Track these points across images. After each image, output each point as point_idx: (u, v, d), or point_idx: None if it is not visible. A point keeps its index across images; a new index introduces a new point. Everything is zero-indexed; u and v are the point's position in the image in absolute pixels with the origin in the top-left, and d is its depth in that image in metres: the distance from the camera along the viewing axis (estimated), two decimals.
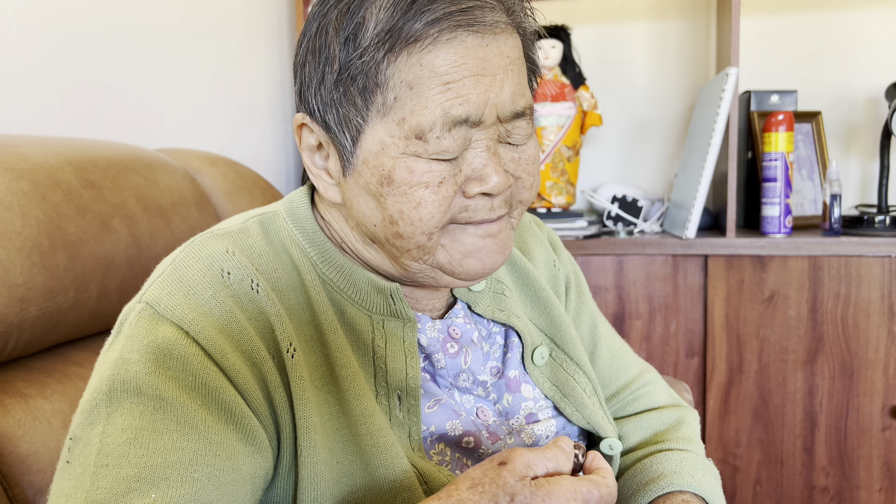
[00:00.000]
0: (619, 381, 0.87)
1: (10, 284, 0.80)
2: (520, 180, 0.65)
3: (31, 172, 0.88)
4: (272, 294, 0.64)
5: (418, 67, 0.58)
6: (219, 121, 1.72)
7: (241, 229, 0.68)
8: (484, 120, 0.61)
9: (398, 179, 0.60)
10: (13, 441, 0.76)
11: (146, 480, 0.54)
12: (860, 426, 1.62)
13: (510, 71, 0.61)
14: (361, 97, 0.60)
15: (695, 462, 0.78)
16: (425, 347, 0.70)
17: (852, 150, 1.98)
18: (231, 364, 0.59)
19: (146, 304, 0.62)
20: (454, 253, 0.64)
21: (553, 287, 0.84)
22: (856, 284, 1.59)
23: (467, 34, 0.58)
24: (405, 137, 0.60)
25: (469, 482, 0.55)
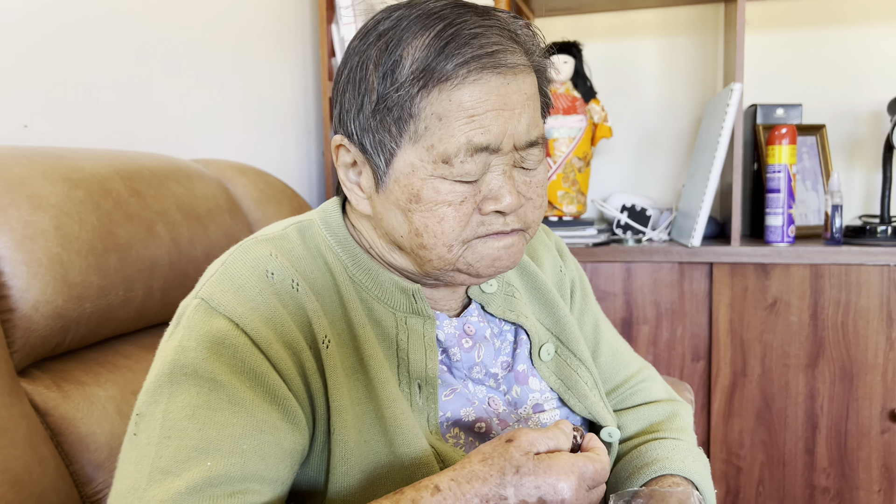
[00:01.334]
0: (619, 377, 0.94)
1: (69, 283, 0.89)
2: (530, 201, 0.74)
3: (86, 182, 0.98)
4: (310, 293, 0.72)
5: (447, 102, 0.67)
6: (248, 133, 1.82)
7: (281, 235, 0.77)
8: (502, 148, 0.69)
9: (425, 198, 0.69)
10: (73, 423, 0.85)
11: (203, 451, 0.62)
12: (860, 429, 1.68)
13: (527, 106, 0.70)
14: (396, 125, 0.69)
15: (686, 449, 0.85)
16: (443, 342, 0.79)
17: (856, 163, 2.04)
18: (275, 353, 0.68)
19: (201, 299, 0.71)
20: (472, 260, 0.73)
21: (559, 290, 0.92)
22: (856, 292, 1.66)
23: (491, 75, 0.67)
24: (433, 161, 0.68)
25: (480, 456, 0.63)
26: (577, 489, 0.61)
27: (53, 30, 1.24)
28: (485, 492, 0.61)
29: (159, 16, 1.49)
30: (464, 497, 0.61)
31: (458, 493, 0.61)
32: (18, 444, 0.75)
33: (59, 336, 0.89)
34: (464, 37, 0.66)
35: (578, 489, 0.61)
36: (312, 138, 2.11)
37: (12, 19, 1.17)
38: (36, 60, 1.21)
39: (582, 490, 0.62)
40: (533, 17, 2.18)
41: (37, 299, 0.85)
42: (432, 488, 0.61)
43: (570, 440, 0.66)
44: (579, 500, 0.61)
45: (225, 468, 0.62)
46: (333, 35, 1.98)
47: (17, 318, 0.84)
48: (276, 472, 0.65)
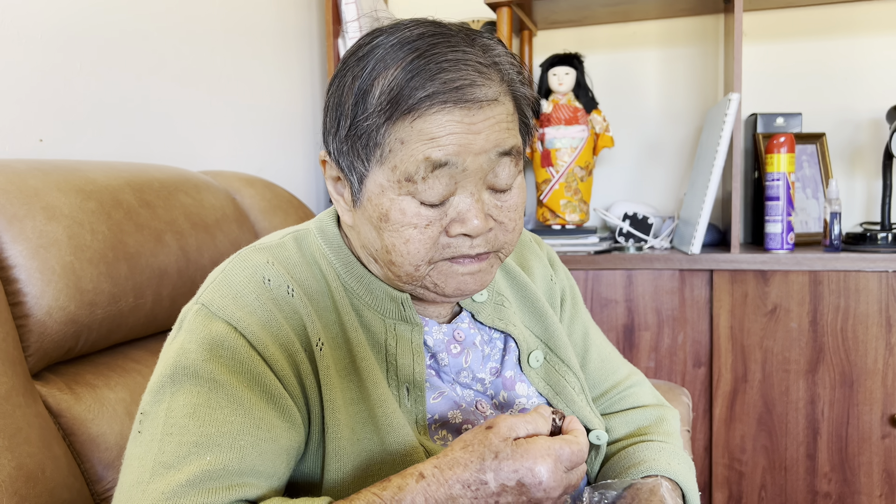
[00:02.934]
0: (608, 382, 0.97)
1: (82, 290, 0.93)
2: (502, 225, 0.75)
3: (97, 193, 1.02)
4: (304, 298, 0.76)
5: (410, 129, 0.69)
6: (256, 145, 1.87)
7: (279, 244, 0.81)
8: (467, 167, 0.70)
9: (392, 218, 0.72)
10: (84, 424, 0.88)
11: (203, 446, 0.66)
12: (860, 434, 1.69)
13: (494, 127, 0.71)
14: (364, 151, 0.72)
15: (672, 452, 0.88)
16: (431, 347, 0.82)
17: (857, 170, 2.06)
18: (271, 354, 0.71)
19: (202, 304, 0.74)
20: (437, 280, 0.75)
21: (549, 299, 0.95)
22: (854, 298, 1.67)
23: (454, 108, 0.68)
24: (397, 181, 0.71)
25: (462, 443, 0.66)
26: (555, 471, 0.64)
27: (67, 47, 1.29)
28: (466, 477, 0.64)
29: (170, 32, 1.54)
30: (447, 483, 0.64)
31: (442, 479, 0.64)
32: (33, 442, 0.79)
33: (72, 341, 0.93)
34: (431, 71, 0.67)
35: (555, 471, 0.64)
36: (318, 151, 2.15)
37: (28, 38, 1.22)
38: (51, 77, 1.26)
39: (559, 472, 0.64)
40: (535, 30, 2.22)
41: (50, 305, 0.89)
42: (417, 475, 0.65)
43: (549, 423, 0.69)
44: (557, 482, 0.64)
45: (223, 462, 0.65)
46: (340, 48, 2.03)
47: (32, 324, 0.88)
48: (272, 468, 0.69)
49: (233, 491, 0.65)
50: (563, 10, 2.05)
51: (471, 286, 0.76)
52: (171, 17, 1.55)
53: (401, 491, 0.64)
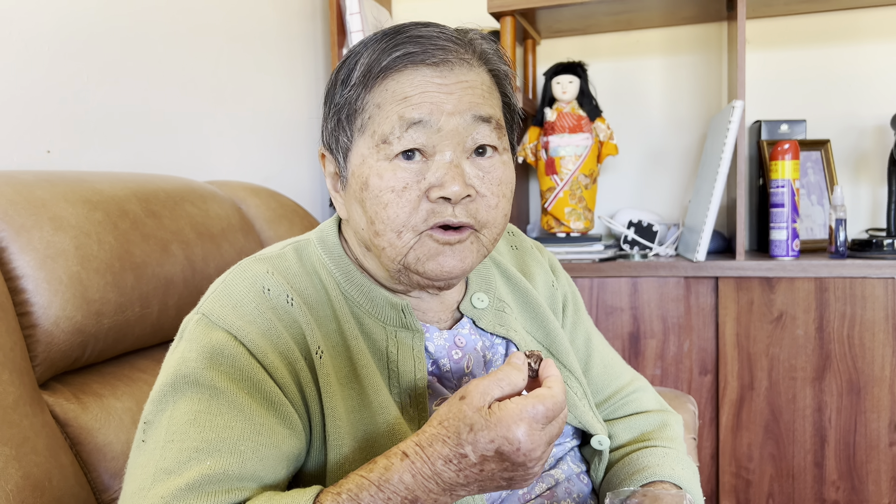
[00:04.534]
0: (611, 388, 0.97)
1: (88, 300, 0.94)
2: (483, 198, 0.75)
3: (104, 204, 1.03)
4: (304, 307, 0.76)
5: (384, 92, 0.73)
6: (262, 154, 1.88)
7: (279, 255, 0.82)
8: (441, 127, 0.72)
9: (371, 185, 0.73)
10: (91, 433, 0.89)
11: (203, 451, 0.66)
12: (868, 441, 1.69)
13: (469, 90, 0.73)
14: (347, 122, 0.75)
15: (676, 457, 0.88)
16: (433, 353, 0.82)
17: (862, 177, 2.05)
18: (271, 362, 0.72)
19: (202, 314, 0.75)
20: (419, 254, 0.75)
21: (551, 305, 0.95)
22: (860, 305, 1.67)
23: (427, 68, 0.72)
24: (376, 146, 0.73)
25: (438, 419, 0.66)
26: (530, 433, 0.62)
27: (74, 59, 1.30)
28: (446, 453, 0.64)
29: (177, 43, 1.55)
30: (429, 460, 0.64)
31: (424, 456, 0.64)
32: (40, 451, 0.80)
33: (79, 350, 0.94)
34: (403, 41, 0.72)
35: (531, 432, 0.62)
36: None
37: (35, 50, 1.23)
38: (58, 89, 1.27)
39: (536, 431, 0.63)
40: (539, 39, 2.23)
41: (57, 315, 0.90)
42: (400, 454, 0.65)
43: (525, 372, 0.67)
44: (535, 442, 0.63)
45: (223, 467, 0.66)
46: None
47: (39, 334, 0.88)
48: (273, 473, 0.69)
49: (232, 494, 0.66)
50: (567, 18, 2.06)
51: (450, 262, 0.74)
52: (178, 29, 1.56)
53: (387, 471, 0.64)
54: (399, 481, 0.64)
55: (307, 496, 0.64)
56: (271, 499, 0.65)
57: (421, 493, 0.64)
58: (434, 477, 0.64)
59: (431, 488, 0.64)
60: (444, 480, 0.64)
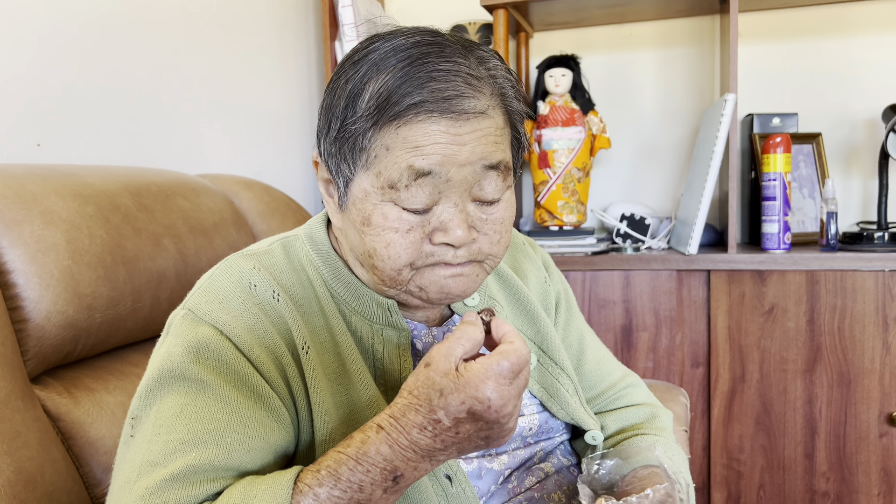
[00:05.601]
0: (604, 384, 0.98)
1: (80, 294, 0.93)
2: (486, 236, 0.75)
3: (96, 198, 1.02)
4: (290, 303, 0.77)
5: (395, 136, 0.69)
6: (254, 148, 1.87)
7: (266, 251, 0.82)
8: (451, 178, 0.70)
9: (374, 223, 0.72)
10: (83, 427, 0.89)
11: (189, 443, 0.67)
12: (858, 433, 1.70)
13: (481, 140, 0.71)
14: (350, 154, 0.72)
15: (665, 444, 0.89)
16: (420, 352, 0.83)
17: (853, 170, 2.06)
18: (257, 356, 0.72)
19: (188, 310, 0.75)
20: (423, 285, 0.75)
21: (543, 302, 0.95)
22: (851, 297, 1.68)
23: (441, 117, 0.68)
24: (381, 188, 0.71)
25: (407, 389, 0.66)
26: (499, 389, 0.63)
27: (65, 51, 1.29)
28: (420, 420, 0.64)
29: (169, 36, 1.54)
30: (404, 430, 0.65)
31: (399, 426, 0.65)
32: (31, 446, 0.80)
33: (70, 345, 0.93)
34: (420, 79, 0.68)
35: (500, 388, 0.63)
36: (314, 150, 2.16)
37: (25, 42, 1.22)
38: (48, 81, 1.27)
39: (504, 387, 0.63)
40: (532, 32, 2.23)
41: (49, 310, 0.89)
42: (376, 427, 0.66)
43: (480, 327, 0.68)
44: (505, 398, 0.63)
45: (209, 458, 0.66)
46: (337, 52, 2.03)
47: (31, 328, 0.88)
48: (260, 464, 0.69)
49: (216, 483, 0.66)
50: (560, 11, 2.06)
51: (454, 289, 0.75)
52: (170, 21, 1.55)
53: (364, 444, 0.65)
54: (377, 453, 0.64)
55: (288, 476, 0.65)
56: (252, 481, 0.65)
57: (400, 463, 0.65)
58: (411, 446, 0.64)
59: (410, 457, 0.65)
60: (422, 447, 0.64)
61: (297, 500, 0.63)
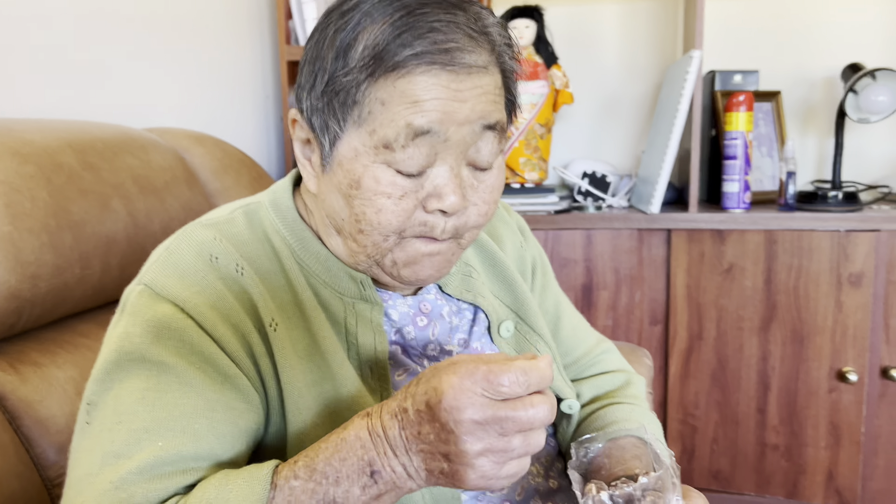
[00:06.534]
0: (579, 351, 0.96)
1: (22, 262, 0.86)
2: (475, 207, 0.71)
3: (35, 156, 0.94)
4: (255, 277, 0.71)
5: (392, 89, 0.64)
6: (202, 100, 1.77)
7: (227, 219, 0.76)
8: (449, 137, 0.66)
9: (364, 186, 0.67)
10: (32, 406, 0.83)
11: (153, 432, 0.62)
12: (809, 388, 1.75)
13: (481, 97, 0.67)
14: (341, 110, 0.67)
15: (642, 413, 0.88)
16: (396, 322, 0.79)
17: (810, 129, 2.08)
18: (221, 334, 0.67)
19: (144, 285, 0.70)
20: (398, 258, 0.71)
21: (520, 268, 0.92)
22: (807, 257, 1.70)
23: (442, 70, 0.64)
24: (374, 147, 0.66)
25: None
26: (459, 388, 0.56)
27: None
28: (393, 407, 0.60)
29: None
30: (380, 415, 0.60)
31: (379, 412, 0.61)
32: None
33: (14, 317, 0.87)
34: (420, 29, 0.63)
35: (460, 388, 0.56)
36: (270, 104, 2.06)
37: None
38: None
39: (467, 391, 0.56)
40: None
41: None
42: (364, 413, 0.62)
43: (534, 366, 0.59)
44: (459, 399, 0.55)
45: (176, 447, 0.62)
46: None
47: None
48: (231, 451, 0.66)
49: (187, 475, 0.62)
50: None
51: (427, 271, 0.72)
52: None
53: (346, 429, 0.61)
54: (355, 438, 0.60)
55: (265, 470, 0.61)
56: (227, 476, 0.61)
57: (374, 455, 0.59)
58: (383, 433, 0.59)
59: (382, 448, 0.59)
60: (390, 439, 0.59)
61: (272, 497, 0.59)
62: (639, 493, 0.63)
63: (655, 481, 0.60)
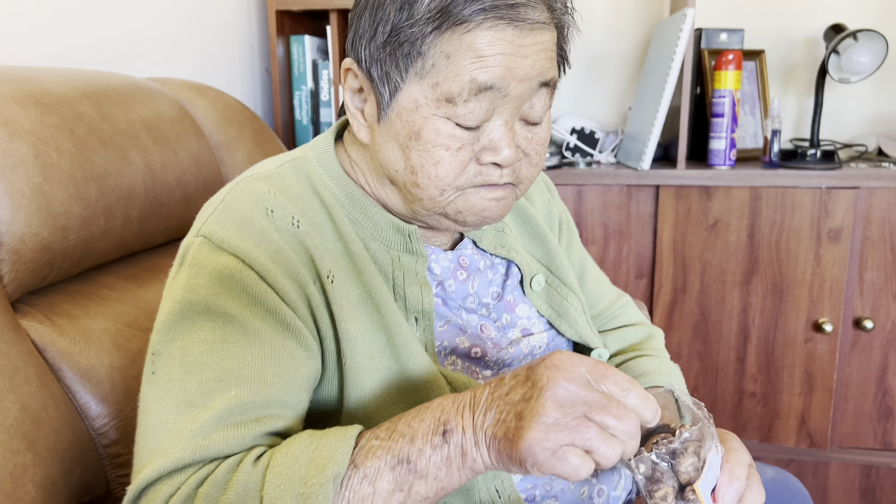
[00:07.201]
0: (602, 304, 1.00)
1: (53, 214, 0.85)
2: (528, 157, 0.74)
3: (57, 106, 0.92)
4: (310, 230, 0.73)
5: (458, 42, 0.66)
6: (193, 49, 1.73)
7: (277, 173, 0.77)
8: (509, 93, 0.68)
9: (424, 137, 0.69)
10: (72, 357, 0.83)
11: (225, 381, 0.64)
12: (786, 339, 1.83)
13: (541, 54, 0.69)
14: (404, 60, 0.68)
15: (668, 365, 0.93)
16: (438, 276, 0.81)
17: (790, 88, 2.13)
18: (281, 286, 0.69)
19: (204, 237, 0.70)
20: (461, 208, 0.73)
21: (548, 223, 0.95)
22: (789, 213, 1.77)
23: (507, 25, 0.65)
24: (436, 100, 0.68)
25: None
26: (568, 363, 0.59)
27: None
28: (490, 379, 0.64)
29: None
30: (473, 389, 0.64)
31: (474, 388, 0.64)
32: (31, 381, 0.74)
33: (46, 269, 0.86)
34: None
35: (568, 364, 0.59)
36: (256, 53, 2.03)
37: None
38: None
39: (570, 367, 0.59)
40: None
41: (23, 232, 0.82)
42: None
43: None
44: (565, 370, 0.58)
45: (249, 395, 0.64)
46: None
47: (4, 253, 0.80)
48: (296, 397, 0.68)
49: (261, 423, 0.64)
50: None
51: (493, 213, 0.75)
52: None
53: (433, 401, 0.64)
54: (438, 404, 0.63)
55: (351, 432, 0.63)
56: (313, 434, 0.63)
57: (450, 415, 0.62)
58: (468, 398, 0.62)
59: (459, 408, 0.62)
60: (474, 400, 0.61)
61: (355, 454, 0.61)
62: (681, 446, 0.66)
63: (697, 433, 0.64)
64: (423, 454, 0.60)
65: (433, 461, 0.60)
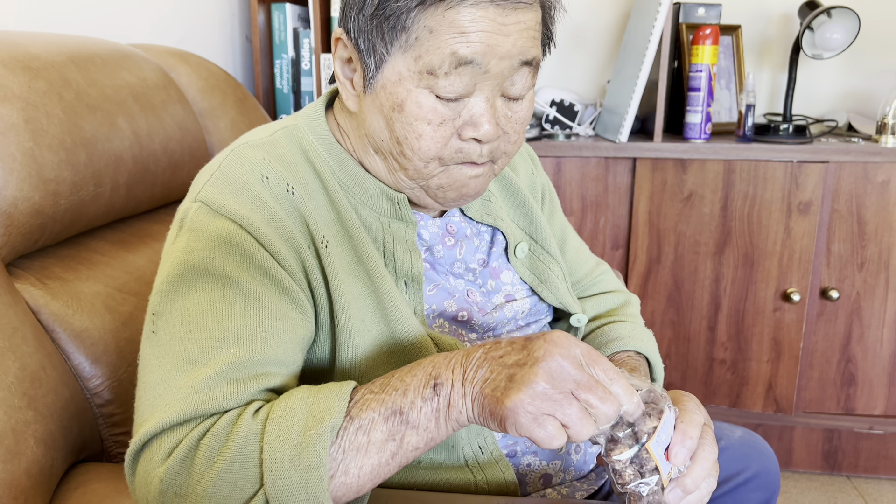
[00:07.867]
0: (582, 271, 1.04)
1: (44, 179, 0.86)
2: (506, 135, 0.76)
3: (45, 71, 0.93)
4: (304, 196, 0.75)
5: (441, 18, 0.68)
6: (172, 14, 1.72)
7: (270, 141, 0.79)
8: (490, 69, 0.70)
9: (407, 110, 0.71)
10: (66, 319, 0.85)
11: (225, 340, 0.66)
12: (756, 308, 1.89)
13: (523, 33, 0.71)
14: (389, 34, 0.70)
15: (641, 331, 0.97)
16: (427, 241, 0.84)
17: (765, 63, 2.17)
18: (278, 250, 0.71)
19: (202, 202, 0.72)
20: (443, 183, 0.76)
21: (532, 193, 0.98)
22: (762, 186, 1.82)
23: (490, 3, 0.68)
24: (419, 72, 0.70)
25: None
26: (565, 342, 0.63)
27: None
28: (486, 341, 0.67)
29: None
30: (467, 349, 0.67)
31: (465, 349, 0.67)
32: (29, 341, 0.76)
33: (38, 233, 0.87)
34: None
35: (565, 343, 0.63)
36: (236, 21, 2.01)
37: None
38: None
39: (565, 346, 0.62)
40: None
41: (15, 196, 0.83)
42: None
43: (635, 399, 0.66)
44: (560, 346, 0.62)
45: (248, 354, 0.66)
46: None
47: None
48: (292, 356, 0.71)
49: (259, 380, 0.67)
50: None
51: (471, 190, 0.78)
52: None
53: (425, 359, 0.67)
54: (430, 361, 0.66)
55: (346, 387, 0.66)
56: (310, 389, 0.66)
57: (441, 369, 0.65)
58: (460, 356, 0.65)
59: (450, 363, 0.65)
60: (467, 358, 0.65)
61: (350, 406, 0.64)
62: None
63: (647, 394, 0.67)
64: (415, 406, 0.63)
65: (424, 412, 0.63)
